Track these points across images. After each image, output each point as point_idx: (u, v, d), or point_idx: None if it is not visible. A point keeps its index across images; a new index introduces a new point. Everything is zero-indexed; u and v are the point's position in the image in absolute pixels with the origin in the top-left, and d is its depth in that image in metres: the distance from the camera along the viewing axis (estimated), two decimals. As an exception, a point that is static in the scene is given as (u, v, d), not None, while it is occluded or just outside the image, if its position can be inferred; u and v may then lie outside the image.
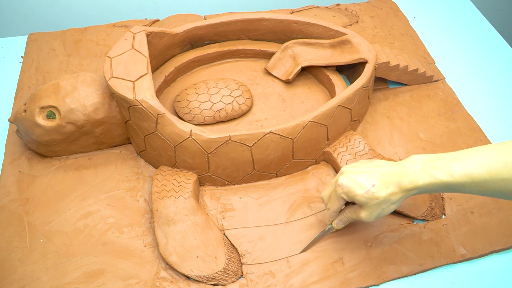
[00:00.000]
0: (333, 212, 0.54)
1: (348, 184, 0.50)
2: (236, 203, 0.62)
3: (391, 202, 0.49)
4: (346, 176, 0.50)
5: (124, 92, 0.59)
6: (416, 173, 0.46)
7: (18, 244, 0.57)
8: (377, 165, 0.50)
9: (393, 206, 0.49)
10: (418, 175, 0.46)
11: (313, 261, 0.57)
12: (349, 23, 0.91)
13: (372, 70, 0.69)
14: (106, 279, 0.54)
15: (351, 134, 0.67)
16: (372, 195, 0.48)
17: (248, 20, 0.76)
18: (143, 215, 0.61)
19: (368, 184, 0.49)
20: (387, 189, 0.48)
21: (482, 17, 0.98)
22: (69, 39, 0.85)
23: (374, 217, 0.50)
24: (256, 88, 0.75)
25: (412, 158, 0.48)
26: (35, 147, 0.64)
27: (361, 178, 0.49)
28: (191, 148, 0.59)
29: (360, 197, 0.49)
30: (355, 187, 0.49)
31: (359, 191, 0.49)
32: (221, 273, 0.54)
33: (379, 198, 0.48)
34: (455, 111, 0.76)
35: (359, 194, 0.49)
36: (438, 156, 0.47)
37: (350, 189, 0.50)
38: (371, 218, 0.50)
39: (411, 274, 0.56)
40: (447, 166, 0.45)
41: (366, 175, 0.49)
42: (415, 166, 0.47)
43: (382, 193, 0.48)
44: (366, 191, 0.49)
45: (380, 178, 0.49)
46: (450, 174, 0.44)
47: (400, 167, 0.48)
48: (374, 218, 0.50)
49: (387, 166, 0.49)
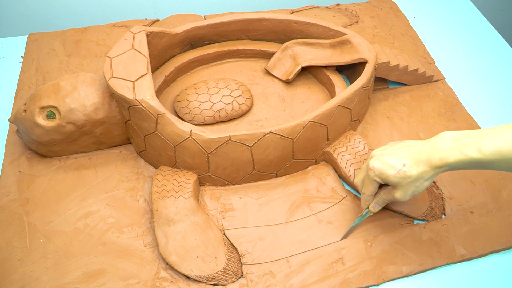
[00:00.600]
0: (368, 196, 0.55)
1: (380, 166, 0.51)
2: (236, 203, 0.62)
3: (424, 179, 0.49)
4: (377, 159, 0.51)
5: (124, 92, 0.59)
6: (446, 151, 0.47)
7: (18, 244, 0.57)
8: (406, 145, 0.51)
9: (426, 183, 0.50)
10: (448, 152, 0.47)
11: (313, 261, 0.57)
12: (349, 23, 0.91)
13: (372, 70, 0.69)
14: (106, 279, 0.54)
15: (351, 134, 0.67)
16: (404, 175, 0.49)
17: (248, 20, 0.76)
18: (143, 215, 0.61)
19: (399, 164, 0.49)
20: (418, 167, 0.48)
21: (482, 17, 0.98)
22: (69, 39, 0.85)
23: (409, 196, 0.51)
24: (256, 88, 0.75)
25: (442, 135, 0.49)
26: (35, 147, 0.64)
27: (391, 159, 0.50)
28: (191, 148, 0.59)
29: (393, 177, 0.50)
30: (387, 169, 0.50)
31: (391, 172, 0.50)
32: (221, 273, 0.54)
33: (411, 176, 0.49)
34: (455, 111, 0.76)
35: (391, 175, 0.50)
36: (468, 133, 0.47)
37: (382, 171, 0.50)
38: (406, 197, 0.51)
39: (411, 274, 0.56)
40: (477, 143, 0.45)
41: (396, 156, 0.50)
42: (445, 143, 0.47)
43: (414, 172, 0.49)
44: (398, 171, 0.49)
45: (410, 157, 0.49)
46: (480, 151, 0.45)
47: (429, 145, 0.49)
48: (409, 196, 0.51)
49: (417, 145, 0.50)
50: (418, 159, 0.49)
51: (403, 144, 0.52)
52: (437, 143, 0.48)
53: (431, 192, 0.63)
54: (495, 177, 0.66)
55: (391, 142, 0.55)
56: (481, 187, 0.65)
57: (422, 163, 0.48)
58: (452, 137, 0.48)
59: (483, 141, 0.45)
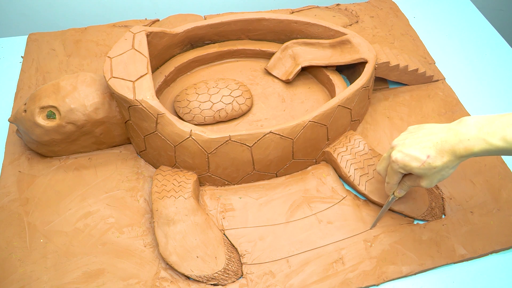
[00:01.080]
0: (393, 185, 0.55)
1: (403, 158, 0.50)
2: (236, 203, 0.62)
3: (450, 168, 0.49)
4: (399, 150, 0.51)
5: (124, 92, 0.59)
6: (470, 140, 0.46)
7: (18, 244, 0.57)
8: (428, 133, 0.50)
9: (451, 170, 0.50)
10: (473, 142, 0.46)
11: (313, 261, 0.57)
12: (349, 23, 0.91)
13: (372, 70, 0.69)
14: (106, 279, 0.54)
15: (351, 134, 0.67)
16: (429, 166, 0.49)
17: (248, 20, 0.76)
18: (143, 215, 0.61)
19: (422, 156, 0.49)
20: (443, 158, 0.48)
21: (482, 17, 0.98)
22: (69, 39, 0.85)
23: (435, 183, 0.51)
24: (256, 88, 0.75)
25: (465, 121, 0.48)
26: (35, 147, 0.64)
27: (414, 151, 0.50)
28: (191, 148, 0.59)
29: (417, 169, 0.50)
30: (411, 161, 0.50)
31: (415, 164, 0.50)
32: (221, 273, 0.54)
33: (436, 167, 0.49)
34: (455, 111, 0.76)
35: (415, 167, 0.50)
36: (491, 119, 0.46)
37: (406, 163, 0.50)
38: (433, 184, 0.52)
39: (411, 274, 0.56)
40: (502, 131, 0.45)
41: (418, 147, 0.49)
42: (469, 132, 0.47)
43: (439, 163, 0.48)
44: (422, 163, 0.49)
45: (433, 147, 0.49)
46: (506, 140, 0.44)
47: (452, 133, 0.48)
48: (436, 183, 0.51)
49: (439, 133, 0.49)
50: (442, 149, 0.48)
51: (424, 131, 0.51)
52: (460, 132, 0.47)
53: (431, 192, 0.63)
54: (495, 177, 0.66)
55: (411, 127, 0.54)
56: (481, 187, 0.65)
57: (446, 153, 0.48)
58: (475, 124, 0.47)
59: (509, 129, 0.44)
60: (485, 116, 0.47)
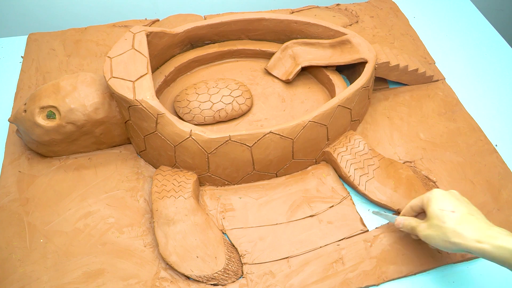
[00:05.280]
0: (409, 206, 0.55)
1: (436, 195, 0.50)
2: (236, 203, 0.62)
3: (449, 241, 0.47)
4: (445, 192, 0.51)
5: (124, 92, 0.59)
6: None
7: (18, 244, 0.57)
8: (480, 214, 0.49)
9: (447, 245, 0.48)
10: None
11: (313, 261, 0.57)
12: (349, 23, 0.91)
13: (372, 70, 0.69)
14: (106, 279, 0.54)
15: (351, 134, 0.67)
16: (442, 216, 0.48)
17: (248, 20, 0.76)
18: (143, 215, 0.61)
19: (450, 207, 0.49)
20: (461, 227, 0.47)
21: (482, 17, 0.98)
22: (69, 39, 0.85)
23: (427, 235, 0.50)
24: (256, 88, 0.75)
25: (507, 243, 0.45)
26: (35, 147, 0.64)
27: (451, 201, 0.49)
28: (191, 148, 0.59)
29: (432, 209, 0.49)
30: (438, 201, 0.49)
31: (437, 205, 0.49)
32: (221, 273, 0.54)
33: (445, 223, 0.48)
34: (455, 111, 0.76)
35: (435, 207, 0.49)
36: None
37: (434, 198, 0.50)
38: (424, 233, 0.50)
39: (411, 274, 0.56)
40: None
41: (458, 203, 0.49)
42: (503, 248, 0.44)
43: (451, 224, 0.47)
44: (442, 210, 0.49)
45: (466, 219, 0.47)
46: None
47: (492, 232, 0.46)
48: (426, 236, 0.50)
49: (483, 220, 0.48)
50: (470, 226, 0.47)
51: (481, 216, 0.49)
52: (498, 239, 0.45)
53: (431, 192, 0.63)
54: (495, 177, 0.66)
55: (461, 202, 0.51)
56: (481, 187, 0.65)
57: (467, 231, 0.46)
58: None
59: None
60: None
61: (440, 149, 0.70)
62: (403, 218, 0.55)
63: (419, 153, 0.69)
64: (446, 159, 0.68)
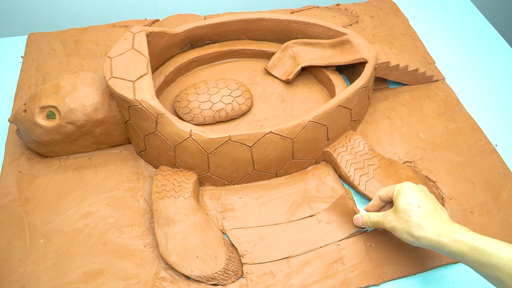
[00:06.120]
0: (378, 195, 0.56)
1: (406, 188, 0.52)
2: (236, 203, 0.62)
3: (412, 235, 0.49)
4: (415, 186, 0.52)
5: (124, 92, 0.59)
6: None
7: (18, 244, 0.57)
8: (444, 212, 0.51)
9: (410, 239, 0.50)
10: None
11: (313, 261, 0.57)
12: (349, 23, 0.91)
13: (372, 70, 0.69)
14: (106, 279, 0.54)
15: (351, 134, 0.67)
16: (409, 210, 0.50)
17: (248, 20, 0.76)
18: (143, 215, 0.61)
19: (417, 202, 0.50)
20: (425, 222, 0.48)
21: (482, 17, 0.98)
22: (69, 39, 0.85)
23: (393, 227, 0.51)
24: (256, 88, 0.75)
25: (463, 237, 0.46)
26: (35, 147, 0.64)
27: (419, 196, 0.51)
28: (191, 148, 0.59)
29: (400, 202, 0.51)
30: (406, 195, 0.51)
31: (405, 199, 0.51)
32: (221, 273, 0.54)
33: (410, 217, 0.49)
34: (455, 111, 0.76)
35: (403, 200, 0.51)
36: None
37: (403, 192, 0.51)
38: (391, 224, 0.52)
39: (411, 274, 0.56)
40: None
41: (425, 198, 0.51)
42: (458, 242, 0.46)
43: (416, 218, 0.49)
44: (409, 204, 0.50)
45: (430, 215, 0.49)
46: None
47: (452, 227, 0.48)
48: (392, 227, 0.52)
49: (446, 217, 0.50)
50: (433, 222, 0.48)
51: (442, 210, 0.51)
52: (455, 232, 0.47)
53: (431, 192, 0.63)
54: (495, 177, 0.66)
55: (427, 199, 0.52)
56: (481, 187, 0.65)
57: (430, 226, 0.48)
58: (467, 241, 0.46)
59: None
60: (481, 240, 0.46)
61: (440, 149, 0.70)
62: (360, 215, 0.57)
63: (419, 153, 0.69)
64: (446, 159, 0.68)
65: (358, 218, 0.57)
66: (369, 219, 0.55)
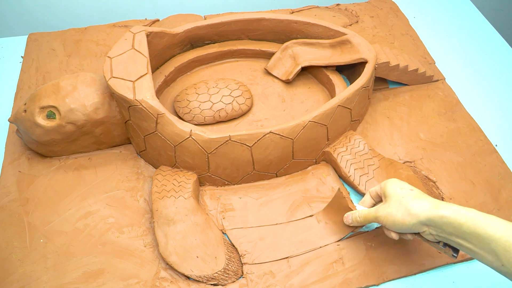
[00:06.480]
0: (368, 195, 0.56)
1: (393, 180, 0.53)
2: (236, 203, 0.62)
3: (409, 213, 0.49)
4: (399, 181, 0.53)
5: (124, 92, 0.59)
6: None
7: (18, 244, 0.57)
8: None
9: (407, 218, 0.49)
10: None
11: (313, 261, 0.57)
12: (349, 23, 0.91)
13: (372, 70, 0.69)
14: (106, 279, 0.54)
15: (351, 134, 0.67)
16: (402, 193, 0.50)
17: (248, 20, 0.76)
18: (143, 215, 0.61)
19: (408, 186, 0.51)
20: (420, 199, 0.49)
21: (482, 17, 0.98)
22: (69, 39, 0.85)
23: (388, 213, 0.50)
24: (256, 88, 0.75)
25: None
26: (35, 147, 0.64)
27: (407, 184, 0.52)
28: (191, 148, 0.59)
29: (391, 188, 0.51)
30: (396, 183, 0.52)
31: (395, 185, 0.51)
32: (221, 273, 0.54)
33: (404, 197, 0.50)
34: (455, 111, 0.76)
35: (393, 186, 0.51)
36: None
37: (391, 181, 0.52)
38: (385, 211, 0.51)
39: (411, 274, 0.56)
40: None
41: (413, 186, 0.52)
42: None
43: (410, 198, 0.49)
44: (402, 188, 0.51)
45: (423, 195, 0.50)
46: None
47: (446, 203, 0.48)
48: (387, 214, 0.51)
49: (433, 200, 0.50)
50: (424, 201, 0.49)
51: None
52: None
53: (431, 192, 0.63)
54: (495, 177, 0.66)
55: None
56: (481, 187, 0.65)
57: (423, 206, 0.48)
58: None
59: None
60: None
61: (440, 149, 0.70)
62: (350, 213, 0.56)
63: (419, 153, 0.69)
64: (446, 159, 0.68)
65: (347, 216, 0.56)
66: (359, 214, 0.54)
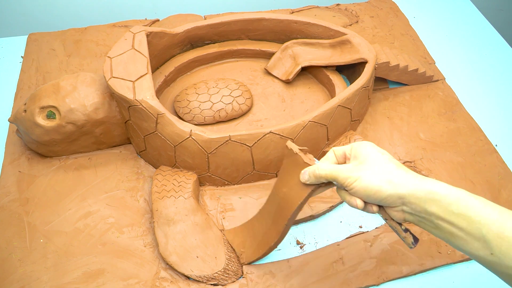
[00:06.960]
0: (331, 154, 0.46)
1: (368, 142, 0.45)
2: (236, 203, 0.62)
3: (390, 181, 0.41)
4: (377, 146, 0.45)
5: (124, 92, 0.59)
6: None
7: (18, 244, 0.57)
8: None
9: (386, 186, 0.41)
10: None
11: (313, 261, 0.57)
12: (349, 23, 0.91)
13: (372, 70, 0.69)
14: (106, 279, 0.54)
15: (351, 134, 0.67)
16: (384, 158, 0.42)
17: (248, 20, 0.76)
18: (143, 215, 0.61)
19: (388, 154, 0.44)
20: (406, 170, 0.42)
21: (482, 17, 0.98)
22: (69, 39, 0.85)
23: (359, 176, 0.42)
24: (256, 88, 0.75)
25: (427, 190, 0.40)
26: (35, 147, 0.64)
27: (385, 151, 0.44)
28: (191, 148, 0.59)
29: (368, 151, 0.43)
30: (372, 145, 0.44)
31: (374, 149, 0.43)
32: (221, 273, 0.54)
33: (387, 163, 0.42)
34: (455, 111, 0.76)
35: (373, 149, 0.43)
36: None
37: (366, 144, 0.44)
38: (356, 174, 0.42)
39: (411, 274, 0.56)
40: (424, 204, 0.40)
41: (390, 155, 0.44)
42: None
43: (393, 165, 0.42)
44: (383, 154, 0.43)
45: (402, 164, 0.43)
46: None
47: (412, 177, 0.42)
48: (357, 178, 0.42)
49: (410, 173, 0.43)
50: (401, 171, 0.42)
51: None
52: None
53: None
54: (495, 177, 0.66)
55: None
56: (481, 187, 0.65)
57: (402, 176, 0.41)
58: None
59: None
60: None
61: (440, 149, 0.70)
62: (306, 169, 0.46)
63: (419, 153, 0.69)
64: (446, 159, 0.68)
65: (304, 172, 0.46)
66: (318, 170, 0.44)
